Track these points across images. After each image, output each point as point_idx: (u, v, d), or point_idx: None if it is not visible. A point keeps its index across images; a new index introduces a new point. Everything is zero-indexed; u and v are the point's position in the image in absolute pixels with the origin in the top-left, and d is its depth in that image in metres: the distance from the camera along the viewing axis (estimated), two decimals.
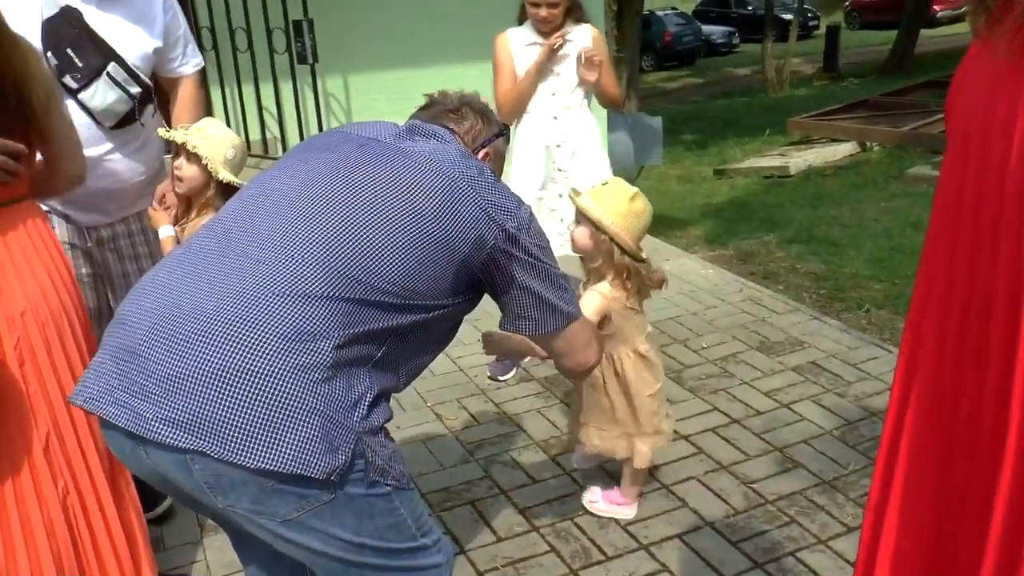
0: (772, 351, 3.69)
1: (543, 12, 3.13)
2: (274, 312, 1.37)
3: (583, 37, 3.26)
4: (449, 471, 2.92)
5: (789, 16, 22.81)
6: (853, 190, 7.07)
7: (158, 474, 1.42)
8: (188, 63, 2.69)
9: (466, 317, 1.73)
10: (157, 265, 1.56)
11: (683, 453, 2.94)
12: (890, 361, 3.52)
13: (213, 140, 2.41)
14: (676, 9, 28.66)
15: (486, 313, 1.87)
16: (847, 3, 30.91)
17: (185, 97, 2.71)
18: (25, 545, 1.92)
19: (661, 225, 3.84)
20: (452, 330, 1.73)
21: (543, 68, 3.23)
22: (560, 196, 3.32)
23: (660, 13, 26.21)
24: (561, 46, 3.20)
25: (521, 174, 3.35)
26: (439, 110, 1.80)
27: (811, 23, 28.09)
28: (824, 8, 30.71)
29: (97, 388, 1.40)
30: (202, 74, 2.81)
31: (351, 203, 1.49)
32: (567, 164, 3.32)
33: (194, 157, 2.39)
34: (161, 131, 2.50)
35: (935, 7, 23.05)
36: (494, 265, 1.60)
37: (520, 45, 3.27)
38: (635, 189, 2.35)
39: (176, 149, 2.45)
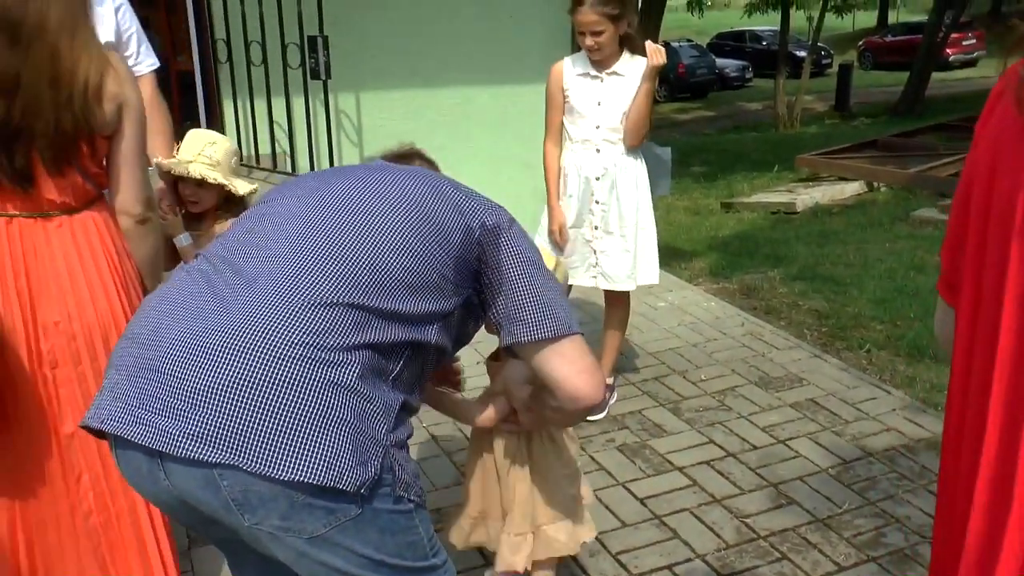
0: (771, 386, 3.68)
1: (588, 41, 3.14)
2: (295, 321, 1.38)
3: (636, 71, 3.24)
4: (442, 492, 2.91)
5: (803, 53, 23.00)
6: (859, 229, 7.08)
7: (174, 496, 1.39)
8: (142, 63, 2.69)
9: None
10: (165, 283, 1.57)
11: (677, 485, 2.94)
12: (889, 402, 3.51)
13: (218, 164, 2.45)
14: (691, 41, 28.90)
15: (488, 337, 1.87)
16: (861, 43, 31.15)
17: (144, 99, 2.71)
18: (57, 522, 2.00)
19: (666, 256, 3.85)
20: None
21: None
22: (596, 228, 3.32)
23: (675, 44, 26.41)
24: None
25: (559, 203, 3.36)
26: (393, 156, 1.94)
27: (824, 61, 28.31)
28: (838, 47, 30.91)
29: (114, 408, 1.38)
30: (158, 76, 2.80)
31: (350, 211, 1.55)
32: (605, 197, 3.29)
33: (209, 184, 2.42)
34: (161, 162, 2.50)
35: (948, 51, 23.20)
36: (485, 255, 1.63)
37: (572, 75, 3.28)
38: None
39: (176, 178, 2.47)
